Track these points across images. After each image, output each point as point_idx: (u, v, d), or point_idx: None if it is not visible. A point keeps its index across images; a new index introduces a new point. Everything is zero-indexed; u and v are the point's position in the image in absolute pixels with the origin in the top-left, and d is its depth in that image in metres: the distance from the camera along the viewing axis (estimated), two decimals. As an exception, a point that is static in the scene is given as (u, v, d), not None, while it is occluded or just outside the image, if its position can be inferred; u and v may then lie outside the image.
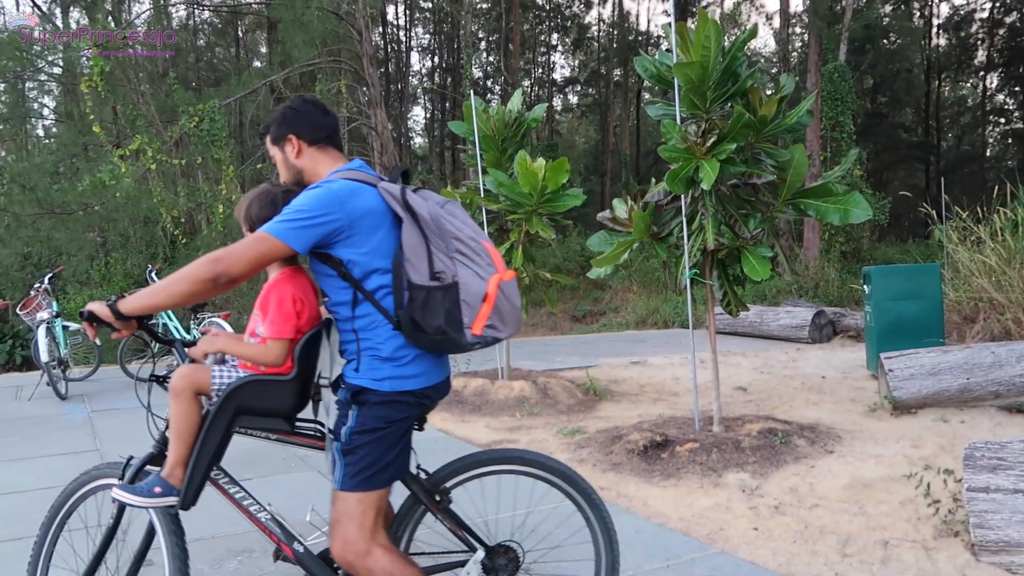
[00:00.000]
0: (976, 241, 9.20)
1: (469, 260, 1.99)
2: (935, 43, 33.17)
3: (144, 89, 13.02)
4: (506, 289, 2.01)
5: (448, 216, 2.03)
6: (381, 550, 2.06)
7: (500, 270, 2.03)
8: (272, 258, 2.00)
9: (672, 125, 4.69)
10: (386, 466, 2.07)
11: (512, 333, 2.06)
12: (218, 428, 2.15)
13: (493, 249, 2.07)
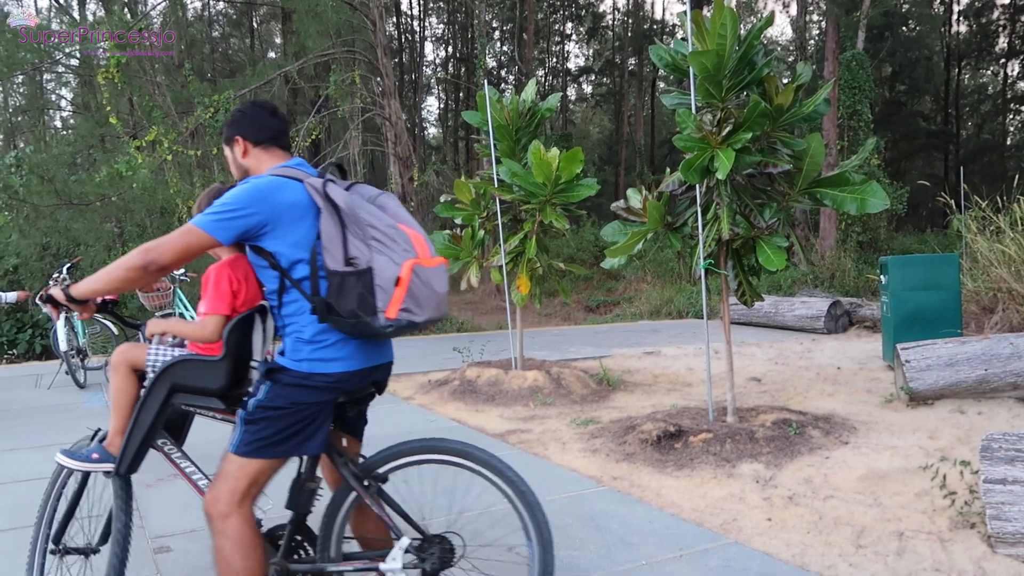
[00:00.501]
0: (995, 231, 9.09)
1: (384, 246, 2.07)
2: (955, 30, 32.71)
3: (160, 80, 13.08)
4: (423, 274, 2.09)
5: (368, 206, 2.14)
6: (239, 518, 2.13)
7: (421, 256, 2.12)
8: (198, 249, 2.12)
9: (687, 114, 4.66)
10: (278, 442, 2.13)
11: (432, 318, 2.13)
12: (152, 402, 2.31)
13: (418, 236, 2.17)
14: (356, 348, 2.17)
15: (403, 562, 2.16)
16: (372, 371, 2.26)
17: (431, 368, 8.16)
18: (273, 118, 2.39)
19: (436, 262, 2.16)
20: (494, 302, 19.35)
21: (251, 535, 2.14)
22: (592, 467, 4.48)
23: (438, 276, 2.15)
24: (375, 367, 2.27)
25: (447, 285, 2.19)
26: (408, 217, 2.22)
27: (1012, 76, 33.99)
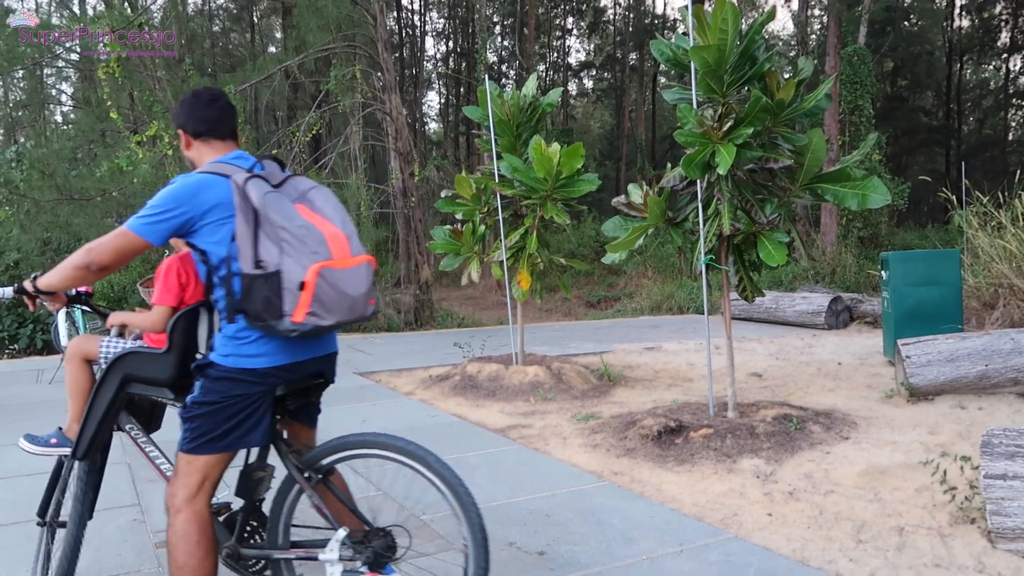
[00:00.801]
0: (997, 226, 9.08)
1: (292, 248, 2.05)
2: (957, 25, 32.62)
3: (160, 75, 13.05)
4: (331, 276, 2.06)
5: (283, 205, 2.10)
6: (188, 514, 2.17)
7: (336, 256, 2.09)
8: (132, 250, 2.17)
9: (688, 109, 4.65)
10: (218, 437, 2.16)
11: (343, 320, 2.11)
12: (105, 391, 2.41)
13: (337, 236, 2.14)
14: (281, 344, 2.17)
15: (339, 554, 2.18)
16: (305, 364, 2.26)
17: (432, 363, 8.16)
18: (209, 108, 2.35)
19: (352, 262, 2.13)
20: (495, 297, 19.36)
21: (196, 532, 2.18)
22: (593, 462, 4.49)
23: (352, 277, 2.12)
24: (310, 360, 2.27)
25: (366, 285, 2.16)
26: (335, 213, 2.20)
27: (1014, 71, 33.92)
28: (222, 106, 2.38)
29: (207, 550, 2.19)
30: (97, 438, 2.44)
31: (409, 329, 12.63)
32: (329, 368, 2.39)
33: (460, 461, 4.50)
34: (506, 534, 3.35)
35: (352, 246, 2.17)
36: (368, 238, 13.63)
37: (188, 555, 2.15)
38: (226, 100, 2.42)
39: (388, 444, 2.21)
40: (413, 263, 13.78)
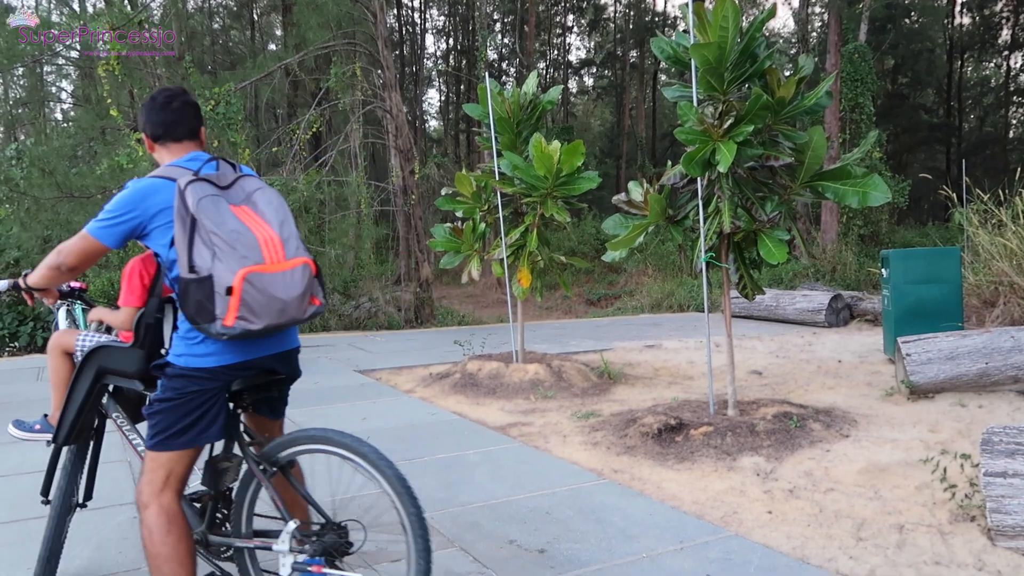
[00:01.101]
0: (997, 224, 9.08)
1: (223, 253, 2.08)
2: (958, 22, 32.58)
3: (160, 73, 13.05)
4: (258, 281, 2.08)
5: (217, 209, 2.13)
6: (157, 508, 2.23)
7: (269, 261, 2.12)
8: (93, 253, 2.28)
9: (689, 107, 4.65)
10: (177, 434, 2.21)
11: (272, 324, 2.13)
12: (82, 382, 2.55)
13: (271, 239, 2.16)
14: (230, 343, 2.21)
15: (290, 545, 2.25)
16: (258, 362, 2.30)
17: (432, 361, 8.17)
18: (164, 111, 2.37)
19: (285, 266, 2.14)
20: (495, 295, 19.36)
21: (166, 523, 2.23)
22: (593, 460, 4.49)
23: (283, 281, 2.13)
24: (263, 357, 2.31)
25: (299, 288, 2.16)
26: (275, 216, 2.22)
27: (1015, 69, 33.88)
28: (177, 107, 2.39)
29: (178, 538, 2.25)
30: (76, 425, 2.59)
31: (409, 327, 12.63)
32: (286, 364, 2.43)
33: (460, 459, 4.51)
34: (506, 532, 3.35)
35: (288, 249, 2.17)
36: (368, 236, 13.65)
37: (160, 544, 2.22)
38: (182, 101, 2.42)
39: (334, 440, 2.28)
40: (413, 261, 13.78)
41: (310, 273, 2.21)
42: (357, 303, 12.84)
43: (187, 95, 2.48)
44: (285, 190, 11.87)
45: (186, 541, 2.26)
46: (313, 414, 5.76)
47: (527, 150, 6.65)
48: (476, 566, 3.00)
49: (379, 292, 13.24)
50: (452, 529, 3.38)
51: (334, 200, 13.22)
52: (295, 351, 2.46)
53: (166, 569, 2.21)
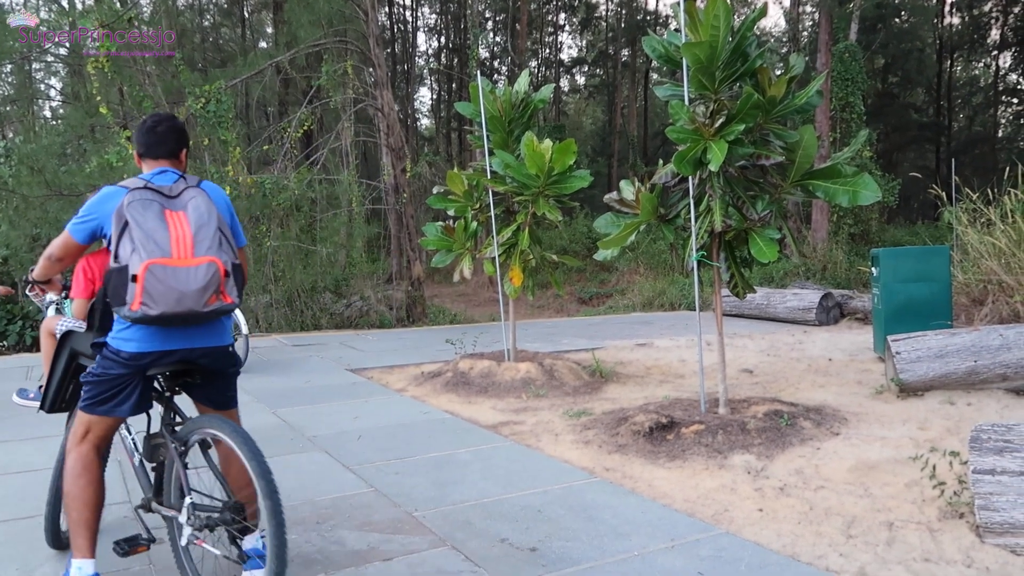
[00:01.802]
0: (986, 223, 9.14)
1: (140, 247, 2.42)
2: (948, 22, 32.74)
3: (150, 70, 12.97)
4: (160, 272, 2.41)
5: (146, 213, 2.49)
6: (75, 455, 2.64)
7: (176, 256, 2.45)
8: (71, 247, 2.68)
9: (680, 106, 4.66)
10: (97, 403, 2.61)
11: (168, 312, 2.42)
12: (60, 359, 2.95)
13: (184, 238, 2.49)
14: (150, 333, 2.54)
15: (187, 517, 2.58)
16: (176, 353, 2.59)
17: (424, 360, 8.16)
18: (149, 133, 2.78)
19: (191, 262, 2.46)
20: (487, 294, 19.36)
21: (80, 468, 2.63)
22: (585, 458, 4.49)
23: (185, 274, 2.43)
24: (182, 350, 2.60)
25: (200, 283, 2.44)
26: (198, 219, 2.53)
27: (1004, 68, 34.08)
28: (162, 132, 2.80)
29: (88, 481, 2.63)
30: (58, 395, 2.96)
31: (401, 325, 12.61)
32: (211, 359, 2.69)
33: (452, 458, 4.51)
34: (498, 530, 3.35)
35: (197, 248, 2.49)
36: (360, 234, 13.61)
37: (72, 485, 2.61)
38: (167, 126, 2.82)
39: (221, 427, 2.55)
40: (405, 259, 13.76)
41: (216, 271, 2.48)
42: (349, 302, 12.81)
43: (174, 121, 2.87)
44: (276, 188, 11.83)
45: (93, 486, 2.63)
46: (304, 413, 5.74)
47: (519, 149, 6.65)
48: (468, 564, 3.00)
49: (371, 291, 13.22)
50: (444, 528, 3.38)
51: (325, 198, 13.18)
52: (220, 348, 2.70)
53: (73, 506, 2.60)
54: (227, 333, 2.76)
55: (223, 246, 2.57)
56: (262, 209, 11.80)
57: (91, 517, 2.61)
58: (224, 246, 2.57)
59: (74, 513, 2.61)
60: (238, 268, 2.61)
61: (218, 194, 2.79)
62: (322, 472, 4.26)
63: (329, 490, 3.93)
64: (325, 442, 4.89)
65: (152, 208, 2.51)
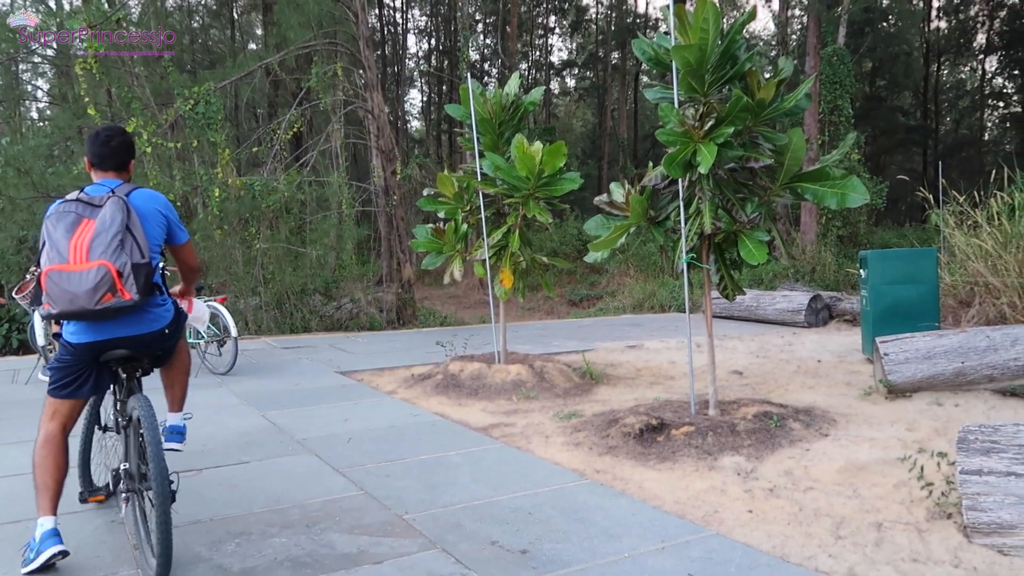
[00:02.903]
0: (973, 225, 9.21)
1: (46, 255, 2.87)
2: (935, 26, 33.00)
3: (139, 71, 12.90)
4: (56, 277, 2.82)
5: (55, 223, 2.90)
6: (43, 432, 3.07)
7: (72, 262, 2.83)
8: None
9: (670, 108, 4.67)
10: (58, 388, 3.08)
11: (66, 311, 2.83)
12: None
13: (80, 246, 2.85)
14: (81, 326, 2.99)
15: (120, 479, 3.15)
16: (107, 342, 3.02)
17: (414, 362, 8.14)
18: (102, 146, 3.14)
19: (83, 267, 2.83)
20: (477, 296, 19.35)
21: (44, 443, 3.05)
22: (575, 460, 4.50)
23: (76, 278, 2.81)
24: (111, 339, 3.02)
25: (89, 285, 2.80)
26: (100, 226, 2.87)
27: (990, 72, 34.36)
28: (113, 145, 3.16)
29: (50, 453, 3.04)
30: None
31: (391, 328, 12.59)
32: (138, 346, 3.11)
33: (442, 460, 4.50)
34: (489, 532, 3.35)
35: (92, 254, 2.83)
36: (350, 236, 13.57)
37: (37, 455, 3.04)
38: (120, 140, 3.19)
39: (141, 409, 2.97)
40: (395, 261, 13.73)
41: (107, 273, 2.82)
42: (338, 304, 12.77)
43: (125, 135, 3.23)
44: (266, 190, 11.78)
45: (54, 457, 3.03)
46: (294, 415, 5.72)
47: (509, 151, 6.65)
48: (458, 567, 3.00)
49: (361, 293, 13.18)
50: (434, 530, 3.37)
51: (315, 201, 13.14)
52: (149, 334, 3.11)
53: (38, 473, 3.01)
54: (157, 320, 3.15)
55: (124, 249, 2.88)
56: (251, 211, 11.75)
57: (52, 483, 3.01)
58: (127, 249, 2.89)
59: (39, 479, 3.00)
60: (141, 267, 2.92)
61: (147, 200, 3.14)
62: (312, 475, 4.24)
63: (319, 493, 3.92)
64: (315, 445, 4.87)
65: (66, 219, 2.90)
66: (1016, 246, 8.34)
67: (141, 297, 2.92)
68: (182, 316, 3.44)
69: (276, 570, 2.98)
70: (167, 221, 3.22)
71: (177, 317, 3.31)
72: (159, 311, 3.16)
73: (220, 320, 7.58)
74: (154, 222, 3.12)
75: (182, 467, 4.30)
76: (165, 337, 3.21)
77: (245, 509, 3.67)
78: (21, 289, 7.52)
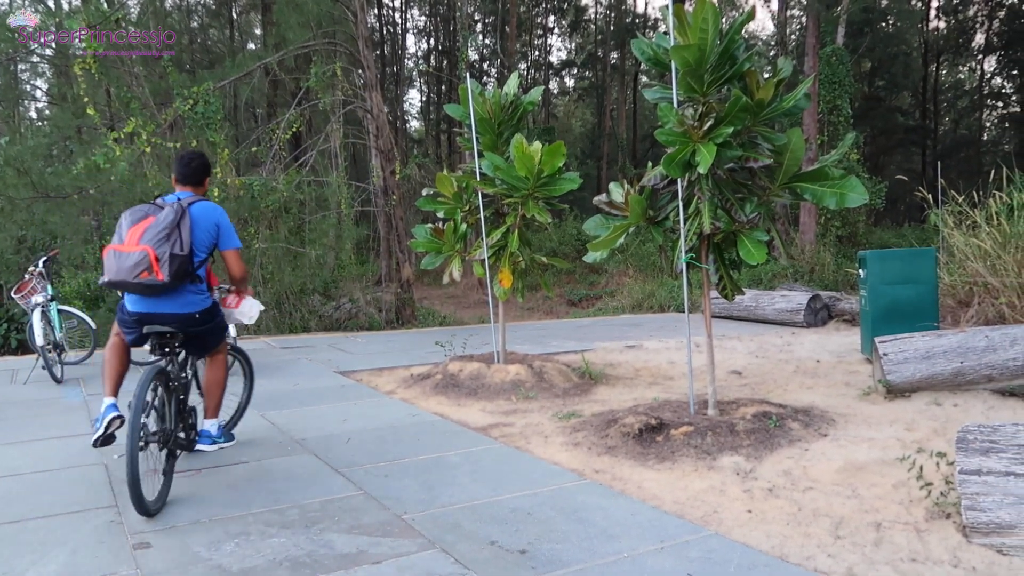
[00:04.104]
0: (972, 225, 9.21)
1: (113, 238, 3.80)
2: (933, 26, 33.02)
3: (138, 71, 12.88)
4: (110, 254, 3.70)
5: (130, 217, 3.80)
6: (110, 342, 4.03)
7: (126, 244, 3.70)
8: None
9: (669, 108, 4.67)
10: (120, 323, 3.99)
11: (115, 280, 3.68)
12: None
13: (134, 233, 3.72)
14: (133, 298, 3.83)
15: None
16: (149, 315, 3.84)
17: (413, 362, 8.14)
18: (179, 165, 4.16)
19: (131, 248, 3.68)
20: (476, 296, 19.34)
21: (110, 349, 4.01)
22: (574, 460, 4.50)
23: (124, 256, 3.67)
24: (147, 313, 3.83)
25: (133, 261, 3.64)
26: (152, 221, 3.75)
27: (988, 72, 34.40)
28: (193, 166, 4.16)
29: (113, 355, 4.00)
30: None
31: (390, 328, 12.58)
32: (171, 322, 3.87)
33: (441, 460, 4.50)
34: (488, 532, 3.35)
35: (142, 239, 3.69)
36: (349, 236, 13.57)
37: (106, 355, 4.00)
38: (199, 163, 4.18)
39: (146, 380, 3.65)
40: (394, 261, 13.73)
41: (146, 256, 3.65)
42: (338, 304, 12.77)
43: (203, 159, 4.21)
44: (265, 190, 11.78)
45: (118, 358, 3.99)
46: (293, 415, 5.72)
47: (508, 151, 6.65)
48: (457, 567, 2.99)
49: (360, 293, 13.17)
50: (433, 530, 3.37)
51: (314, 200, 13.13)
52: (177, 314, 3.87)
53: (105, 368, 3.96)
54: (189, 304, 3.88)
55: (168, 241, 3.69)
56: (250, 211, 11.75)
57: (114, 374, 3.95)
58: (171, 241, 3.70)
59: (106, 371, 3.95)
60: (177, 257, 3.69)
61: (205, 210, 3.98)
62: (311, 475, 4.24)
63: (318, 493, 3.91)
64: (314, 445, 4.87)
65: (137, 214, 3.81)
66: (1015, 246, 8.35)
67: (172, 281, 3.66)
68: (218, 312, 4.12)
69: (275, 570, 2.98)
70: (218, 229, 4.02)
71: (212, 310, 4.01)
72: (193, 297, 3.90)
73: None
74: (205, 228, 3.94)
75: (182, 467, 4.30)
76: (195, 321, 3.92)
77: (244, 509, 3.67)
78: (19, 289, 7.52)
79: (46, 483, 4.15)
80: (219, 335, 4.18)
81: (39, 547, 3.23)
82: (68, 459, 4.60)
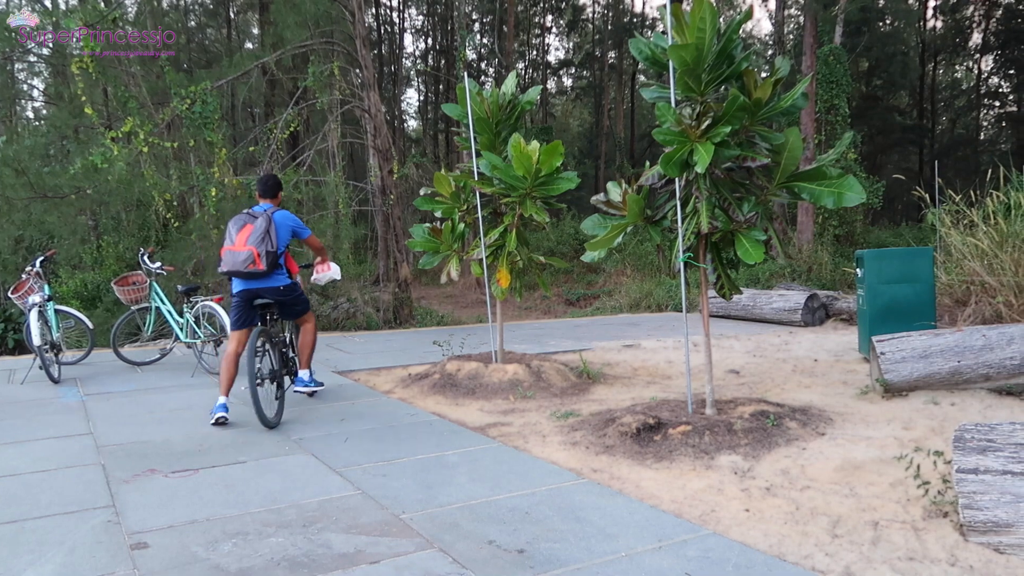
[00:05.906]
0: (969, 224, 9.23)
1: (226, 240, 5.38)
2: (931, 25, 33.06)
3: (135, 71, 12.86)
4: (227, 252, 5.30)
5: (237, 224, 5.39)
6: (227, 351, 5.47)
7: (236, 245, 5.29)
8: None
9: (667, 108, 4.67)
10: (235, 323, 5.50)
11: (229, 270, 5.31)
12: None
13: (243, 235, 5.32)
14: (239, 282, 5.41)
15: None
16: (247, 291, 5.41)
17: (411, 362, 8.14)
18: (261, 183, 5.74)
19: (240, 248, 5.27)
20: (474, 296, 19.34)
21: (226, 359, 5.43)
22: (572, 460, 4.50)
23: (236, 254, 5.26)
24: (248, 289, 5.41)
25: (242, 257, 5.24)
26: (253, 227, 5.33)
27: (986, 71, 34.44)
28: (270, 184, 5.74)
29: (228, 365, 5.39)
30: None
31: (388, 327, 12.58)
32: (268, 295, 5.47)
33: (439, 460, 4.50)
34: (486, 532, 3.35)
35: (249, 240, 5.27)
36: (346, 236, 13.55)
37: (222, 364, 5.42)
38: (273, 181, 5.75)
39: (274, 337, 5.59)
40: (392, 261, 13.72)
41: (251, 253, 5.24)
42: (335, 303, 12.76)
43: (276, 179, 5.76)
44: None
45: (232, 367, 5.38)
46: (290, 415, 5.71)
47: (506, 150, 6.65)
48: (455, 567, 2.99)
49: (357, 292, 13.16)
50: (431, 530, 3.37)
51: (312, 200, 13.12)
52: (271, 288, 5.46)
53: (222, 374, 5.38)
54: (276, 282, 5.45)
55: (264, 242, 5.27)
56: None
57: (228, 379, 5.36)
58: (265, 242, 5.27)
59: (222, 375, 5.36)
60: (270, 253, 5.28)
61: (282, 217, 5.52)
62: (308, 475, 4.24)
63: (315, 493, 3.91)
64: (311, 444, 4.87)
65: (240, 222, 5.39)
66: (1012, 245, 8.36)
67: (267, 269, 5.26)
68: (298, 288, 5.68)
69: (273, 570, 2.97)
70: (292, 229, 5.58)
71: (292, 286, 5.59)
72: (279, 277, 5.49)
73: (217, 320, 7.57)
74: (284, 230, 5.50)
75: (181, 467, 4.30)
76: (281, 293, 5.50)
77: (242, 509, 3.67)
78: (17, 289, 7.51)
79: (43, 483, 4.14)
80: (303, 304, 5.75)
81: (36, 547, 3.22)
82: (65, 459, 4.59)
